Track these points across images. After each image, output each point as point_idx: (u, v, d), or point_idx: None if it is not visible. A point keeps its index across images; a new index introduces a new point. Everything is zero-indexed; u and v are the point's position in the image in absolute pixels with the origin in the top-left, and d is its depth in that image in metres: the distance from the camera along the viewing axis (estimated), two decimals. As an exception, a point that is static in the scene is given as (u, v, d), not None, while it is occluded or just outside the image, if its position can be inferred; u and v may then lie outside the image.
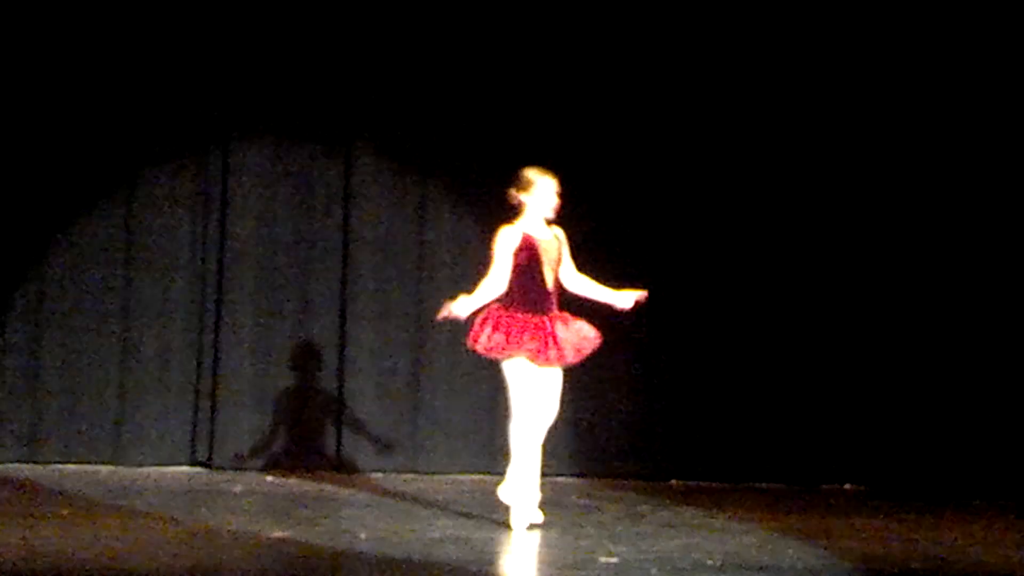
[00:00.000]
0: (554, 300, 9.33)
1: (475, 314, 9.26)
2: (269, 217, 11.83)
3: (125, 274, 11.72)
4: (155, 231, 11.76)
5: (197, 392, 11.76)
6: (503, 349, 9.18)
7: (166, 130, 11.74)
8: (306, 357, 11.81)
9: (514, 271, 9.25)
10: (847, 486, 11.72)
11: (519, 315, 9.21)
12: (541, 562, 8.23)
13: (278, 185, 11.86)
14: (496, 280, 9.22)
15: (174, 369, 11.75)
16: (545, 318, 9.25)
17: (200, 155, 11.85)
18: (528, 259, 9.25)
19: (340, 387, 11.80)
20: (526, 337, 9.16)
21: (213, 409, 11.71)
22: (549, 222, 9.39)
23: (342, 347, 11.81)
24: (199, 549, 8.43)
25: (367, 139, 11.89)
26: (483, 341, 9.23)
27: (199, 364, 11.77)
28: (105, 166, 11.70)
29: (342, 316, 11.83)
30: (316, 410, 11.83)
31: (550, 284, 9.31)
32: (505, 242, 9.25)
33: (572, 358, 9.32)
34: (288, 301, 11.84)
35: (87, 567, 7.68)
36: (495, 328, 9.21)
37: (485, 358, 9.42)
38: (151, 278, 11.74)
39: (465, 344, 9.42)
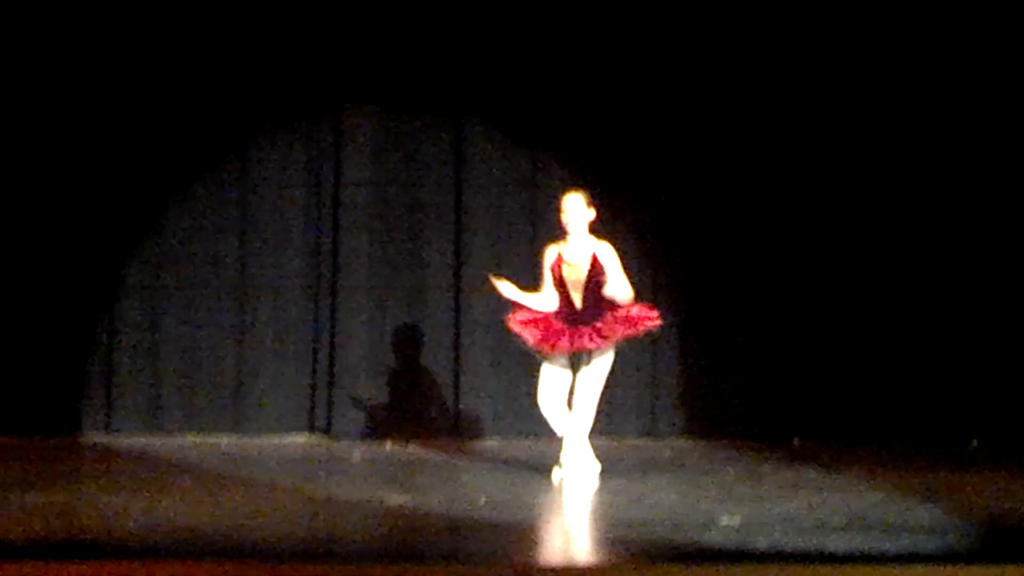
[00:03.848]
0: (590, 315, 9.54)
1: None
2: (382, 186, 11.85)
3: (240, 246, 11.81)
4: (269, 202, 11.83)
5: (315, 361, 11.82)
6: (519, 331, 9.63)
7: (278, 101, 11.80)
8: (422, 324, 11.83)
9: (555, 287, 9.67)
10: (972, 443, 11.56)
11: (558, 320, 9.60)
12: (662, 524, 8.17)
13: (390, 154, 11.88)
14: (545, 295, 9.71)
15: (291, 339, 11.82)
16: (578, 327, 9.53)
17: (312, 126, 11.89)
18: (557, 281, 9.66)
19: (456, 353, 11.81)
20: (546, 327, 9.57)
21: (331, 377, 11.76)
22: (597, 237, 9.64)
23: (457, 313, 11.81)
24: (319, 517, 8.46)
25: (477, 108, 11.88)
26: (515, 324, 9.67)
27: (316, 333, 11.83)
28: (218, 138, 11.80)
29: (456, 283, 11.83)
30: (433, 376, 11.85)
31: (578, 303, 9.58)
32: (545, 259, 9.76)
33: (586, 345, 9.51)
34: (403, 269, 11.86)
35: (209, 536, 7.72)
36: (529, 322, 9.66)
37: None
38: (266, 249, 11.82)
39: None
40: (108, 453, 10.87)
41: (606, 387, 10.06)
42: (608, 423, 11.42)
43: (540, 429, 11.58)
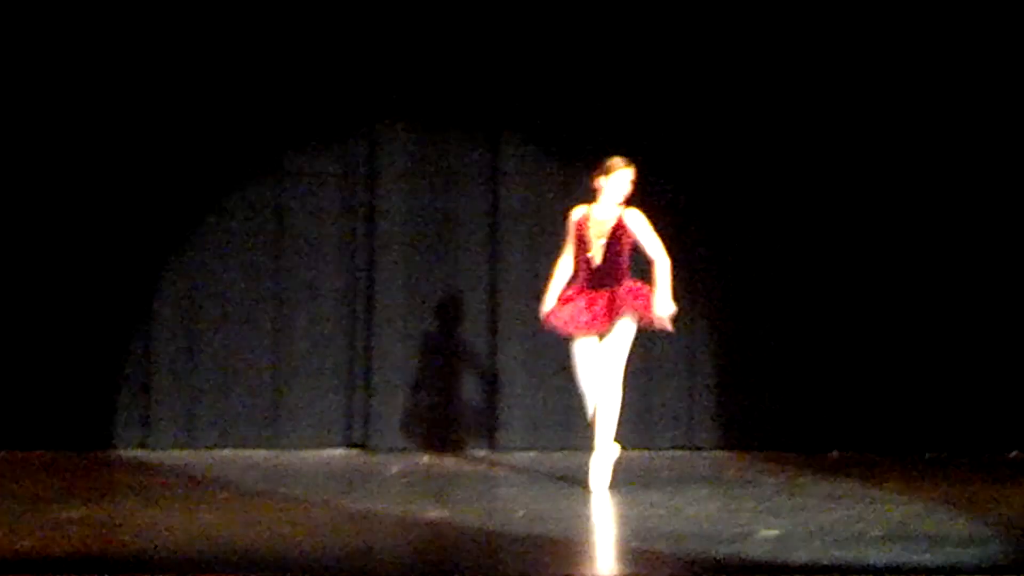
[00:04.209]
0: (606, 279, 9.72)
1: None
2: (417, 198, 11.84)
3: (276, 260, 11.80)
4: (304, 214, 11.82)
5: (351, 375, 11.81)
6: (548, 319, 9.85)
7: (314, 116, 11.79)
8: (458, 337, 11.82)
9: (574, 248, 9.87)
10: (1012, 454, 11.49)
11: (575, 289, 9.81)
12: (700, 537, 8.14)
13: (425, 169, 11.86)
14: (564, 257, 9.93)
15: (327, 352, 11.81)
16: (593, 293, 9.73)
17: (347, 140, 11.89)
18: (578, 238, 9.84)
19: (492, 366, 11.78)
20: (566, 310, 9.76)
21: (367, 391, 11.76)
22: (627, 205, 9.84)
23: (493, 326, 11.79)
24: (355, 531, 8.45)
25: (513, 122, 11.85)
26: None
27: (352, 347, 11.82)
28: (253, 153, 11.78)
29: (492, 295, 11.81)
30: (469, 390, 11.83)
31: (596, 262, 9.77)
32: (569, 221, 9.94)
33: (602, 325, 9.65)
34: (438, 281, 11.85)
35: (245, 551, 7.72)
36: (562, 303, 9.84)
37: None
38: (302, 262, 11.81)
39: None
40: (144, 468, 10.88)
41: (643, 394, 10.09)
42: (645, 435, 11.41)
43: (577, 441, 11.62)
